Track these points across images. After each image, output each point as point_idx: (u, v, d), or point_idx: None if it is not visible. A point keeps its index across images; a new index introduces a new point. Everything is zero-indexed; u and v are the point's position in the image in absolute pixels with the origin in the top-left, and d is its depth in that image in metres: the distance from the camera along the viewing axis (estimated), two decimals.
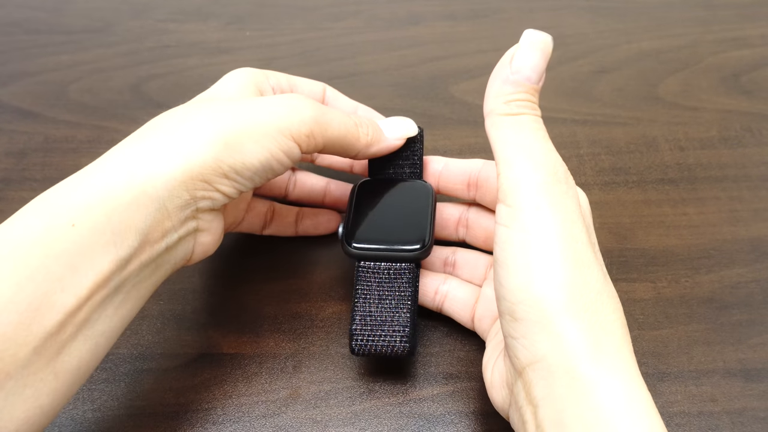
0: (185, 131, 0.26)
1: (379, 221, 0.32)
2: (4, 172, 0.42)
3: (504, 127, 0.25)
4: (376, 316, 0.30)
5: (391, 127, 0.33)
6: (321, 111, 0.29)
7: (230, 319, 0.34)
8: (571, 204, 0.24)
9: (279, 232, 0.36)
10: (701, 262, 0.36)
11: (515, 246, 0.24)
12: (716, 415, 0.30)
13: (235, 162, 0.26)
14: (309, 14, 0.54)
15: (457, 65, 0.49)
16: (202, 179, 0.26)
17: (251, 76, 0.32)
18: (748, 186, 0.40)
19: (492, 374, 0.27)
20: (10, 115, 0.46)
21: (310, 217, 0.36)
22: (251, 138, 0.27)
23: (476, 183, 0.33)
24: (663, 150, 0.42)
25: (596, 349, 0.22)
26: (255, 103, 0.28)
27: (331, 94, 0.35)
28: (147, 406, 0.31)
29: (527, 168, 0.24)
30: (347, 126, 0.30)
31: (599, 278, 0.24)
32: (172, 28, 0.53)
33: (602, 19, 0.53)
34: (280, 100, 0.29)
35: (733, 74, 0.48)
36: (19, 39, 0.52)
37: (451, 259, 0.34)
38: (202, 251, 0.29)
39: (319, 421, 0.30)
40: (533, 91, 0.26)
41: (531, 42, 0.26)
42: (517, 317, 0.23)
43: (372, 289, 0.31)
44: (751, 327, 0.33)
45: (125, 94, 0.47)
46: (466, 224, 0.34)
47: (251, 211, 0.35)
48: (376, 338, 0.29)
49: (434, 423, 0.30)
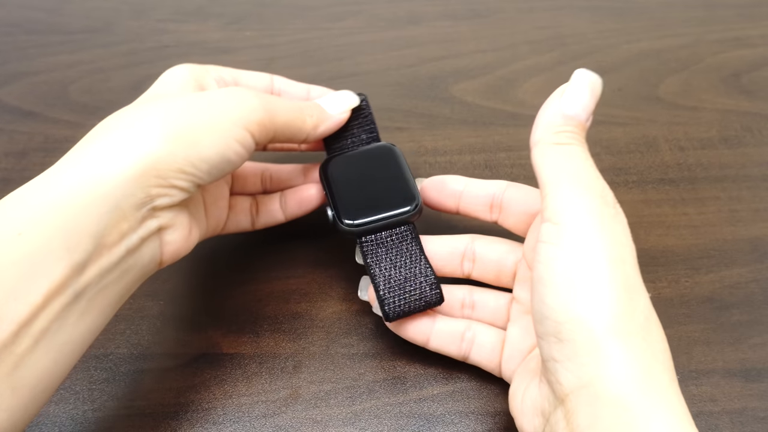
0: (136, 129, 0.26)
1: (363, 193, 0.32)
2: (4, 172, 0.42)
3: (553, 154, 0.25)
4: (398, 278, 0.30)
5: (332, 103, 0.33)
6: (267, 99, 0.29)
7: (230, 319, 0.34)
8: (620, 227, 0.24)
9: (269, 222, 0.35)
10: (701, 262, 0.36)
11: (561, 263, 0.23)
12: (716, 415, 0.30)
13: (190, 155, 0.26)
14: (309, 14, 0.54)
15: (457, 65, 0.49)
16: (157, 175, 0.25)
17: (191, 72, 0.32)
18: (748, 186, 0.40)
19: (522, 402, 0.26)
20: (10, 115, 0.46)
21: (291, 196, 0.35)
22: (205, 130, 0.27)
23: (500, 205, 0.31)
24: (663, 150, 0.43)
25: (647, 378, 0.21)
26: (204, 96, 0.28)
27: (281, 83, 0.35)
28: (147, 406, 0.31)
29: (576, 190, 0.24)
30: (293, 111, 0.31)
31: (647, 303, 0.23)
32: (172, 28, 0.53)
33: (602, 19, 0.53)
34: (228, 91, 0.29)
35: (733, 74, 0.48)
36: (19, 39, 0.52)
37: (468, 300, 0.32)
38: (172, 251, 0.28)
39: (319, 421, 0.30)
40: (581, 127, 0.26)
41: (582, 81, 0.26)
42: (563, 338, 0.22)
43: (382, 258, 0.31)
44: (751, 327, 0.33)
45: (125, 94, 0.47)
46: (473, 258, 0.32)
47: (234, 208, 0.35)
48: (406, 296, 0.30)
49: (434, 423, 0.30)
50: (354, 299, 0.34)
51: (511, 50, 0.50)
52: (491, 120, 0.45)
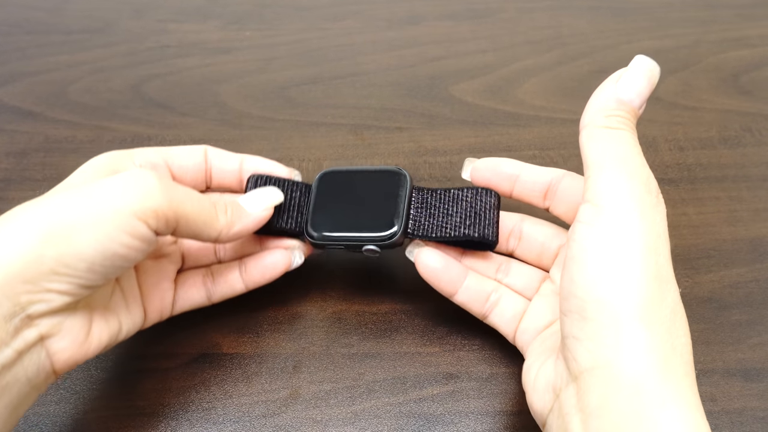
0: (3, 232, 0.23)
1: (344, 209, 0.32)
2: (4, 172, 0.42)
3: (601, 137, 0.25)
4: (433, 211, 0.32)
5: (252, 201, 0.30)
6: (171, 186, 0.26)
7: (230, 319, 0.34)
8: (659, 218, 0.24)
9: (228, 293, 0.32)
10: (701, 262, 0.36)
11: (595, 244, 0.23)
12: (716, 414, 0.30)
13: (63, 254, 0.23)
14: (309, 14, 0.54)
15: (457, 65, 0.49)
16: (25, 281, 0.23)
17: (110, 160, 0.29)
18: (748, 186, 0.40)
19: (536, 378, 0.26)
20: (10, 115, 0.46)
21: (253, 264, 0.32)
22: (81, 223, 0.23)
23: (555, 192, 0.31)
24: (662, 150, 0.43)
25: (665, 367, 0.21)
26: (91, 186, 0.25)
27: (214, 153, 0.33)
28: (147, 406, 0.31)
29: (620, 174, 0.24)
30: (203, 204, 0.27)
31: (675, 297, 0.23)
32: (172, 28, 0.53)
33: (602, 19, 0.53)
34: (120, 177, 0.25)
35: (733, 74, 0.48)
36: (19, 39, 0.52)
37: (505, 266, 0.32)
38: (65, 359, 0.25)
39: (319, 421, 0.30)
40: (634, 113, 0.26)
41: (640, 67, 0.26)
42: (587, 316, 0.23)
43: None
44: (750, 327, 0.34)
45: (125, 94, 0.47)
46: (519, 236, 0.32)
47: (184, 285, 0.31)
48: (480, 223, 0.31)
49: (434, 423, 0.30)
50: (354, 299, 0.34)
51: (511, 50, 0.50)
52: (491, 120, 0.45)
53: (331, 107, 0.46)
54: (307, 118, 0.45)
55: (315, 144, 0.43)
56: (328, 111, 0.45)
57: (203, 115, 0.45)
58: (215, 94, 0.47)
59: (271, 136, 0.44)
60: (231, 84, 0.48)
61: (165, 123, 0.45)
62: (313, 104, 0.46)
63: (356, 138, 0.44)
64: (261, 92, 0.47)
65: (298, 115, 0.45)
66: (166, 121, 0.45)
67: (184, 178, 0.32)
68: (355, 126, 0.44)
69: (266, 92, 0.47)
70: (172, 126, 0.45)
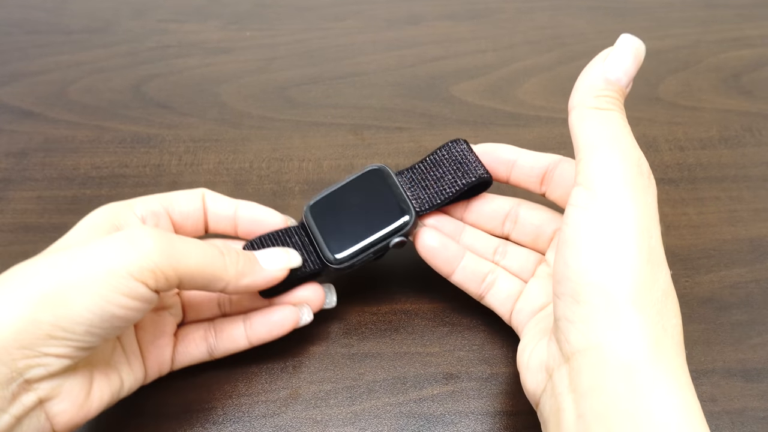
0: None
1: (349, 223, 0.32)
2: (4, 172, 0.42)
3: (591, 118, 0.25)
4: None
5: (269, 258, 0.29)
6: (169, 242, 0.25)
7: None
8: (650, 200, 0.24)
9: (231, 349, 0.31)
10: (701, 262, 0.36)
11: (589, 227, 0.23)
12: (716, 415, 0.30)
13: (59, 318, 0.23)
14: (309, 14, 0.54)
15: (457, 65, 0.49)
16: (21, 346, 0.22)
17: (108, 214, 0.28)
18: (748, 186, 0.40)
19: (530, 358, 0.27)
20: (10, 115, 0.46)
21: (259, 320, 0.31)
22: (76, 286, 0.23)
23: (551, 177, 0.31)
24: (663, 150, 0.43)
25: (657, 348, 0.22)
26: (86, 247, 0.24)
27: (211, 198, 0.32)
28: (147, 406, 0.31)
29: (612, 156, 0.24)
30: (208, 255, 0.26)
31: (667, 279, 0.23)
32: (172, 28, 0.53)
33: (602, 19, 0.53)
34: (115, 237, 0.25)
35: (733, 74, 0.48)
36: (19, 39, 0.52)
37: (502, 248, 0.32)
38: (66, 421, 0.25)
39: (319, 421, 0.30)
40: (621, 92, 0.26)
41: (626, 46, 0.26)
42: (580, 299, 0.23)
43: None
44: (750, 327, 0.34)
45: (125, 94, 0.47)
46: (515, 220, 0.32)
47: (184, 340, 0.31)
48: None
49: (434, 423, 0.30)
50: (354, 299, 0.34)
51: (511, 50, 0.50)
52: (491, 120, 0.45)
53: (331, 107, 0.46)
54: (307, 118, 0.45)
55: (315, 144, 0.43)
56: (328, 111, 0.45)
57: (203, 115, 0.45)
58: (215, 94, 0.47)
59: (271, 136, 0.44)
60: (231, 84, 0.48)
61: (165, 123, 0.45)
62: (313, 104, 0.46)
63: (356, 138, 0.44)
64: (261, 92, 0.47)
65: (298, 115, 0.45)
66: (166, 120, 0.45)
67: (185, 225, 0.31)
68: (355, 126, 0.44)
69: (266, 92, 0.47)
70: (172, 126, 0.45)
